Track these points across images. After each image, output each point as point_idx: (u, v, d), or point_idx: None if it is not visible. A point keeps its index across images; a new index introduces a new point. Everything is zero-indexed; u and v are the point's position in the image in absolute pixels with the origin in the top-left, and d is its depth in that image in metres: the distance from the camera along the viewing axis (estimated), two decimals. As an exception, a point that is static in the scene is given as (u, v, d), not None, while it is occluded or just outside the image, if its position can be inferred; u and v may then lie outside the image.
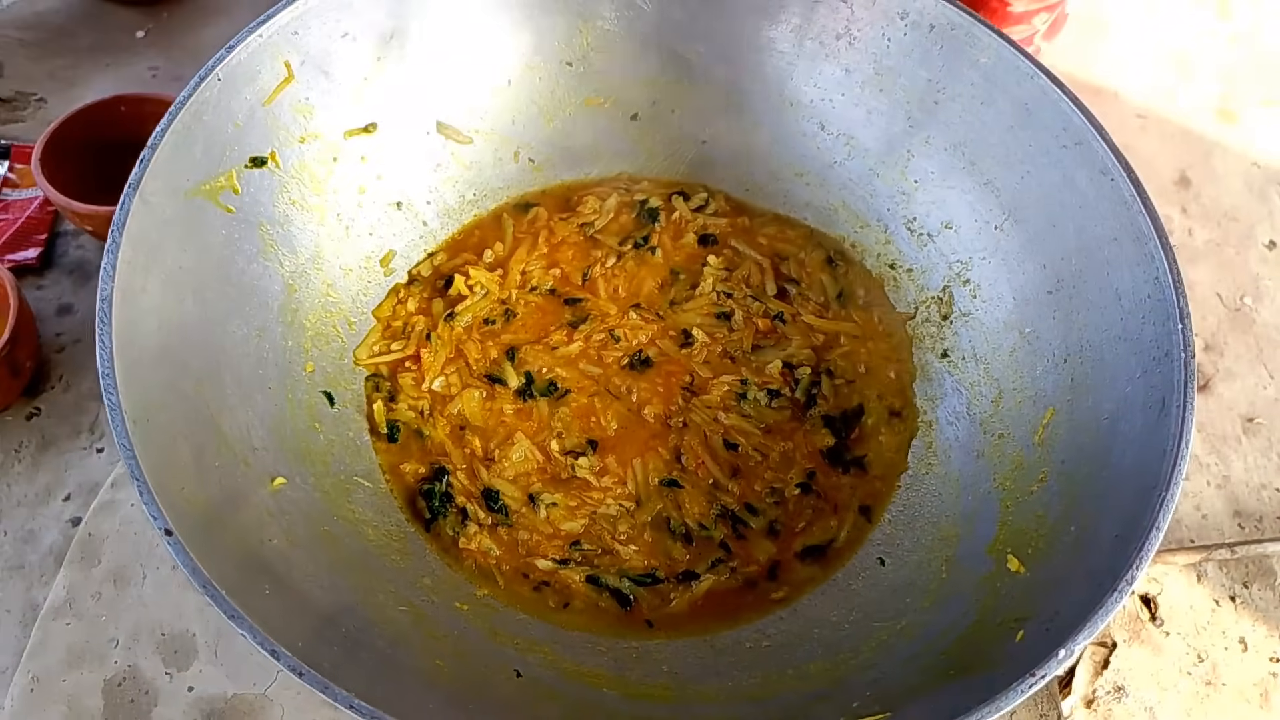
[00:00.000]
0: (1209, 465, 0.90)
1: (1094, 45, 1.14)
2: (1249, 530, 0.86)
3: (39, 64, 1.06)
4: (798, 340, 0.60)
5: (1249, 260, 1.01)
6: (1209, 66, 1.16)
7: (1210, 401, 0.93)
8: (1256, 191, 1.06)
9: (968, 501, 0.52)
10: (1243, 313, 0.98)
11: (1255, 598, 0.81)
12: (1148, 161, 1.08)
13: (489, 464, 0.54)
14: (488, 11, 0.60)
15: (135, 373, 0.42)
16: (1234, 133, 1.11)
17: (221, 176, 0.51)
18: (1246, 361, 0.95)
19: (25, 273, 0.91)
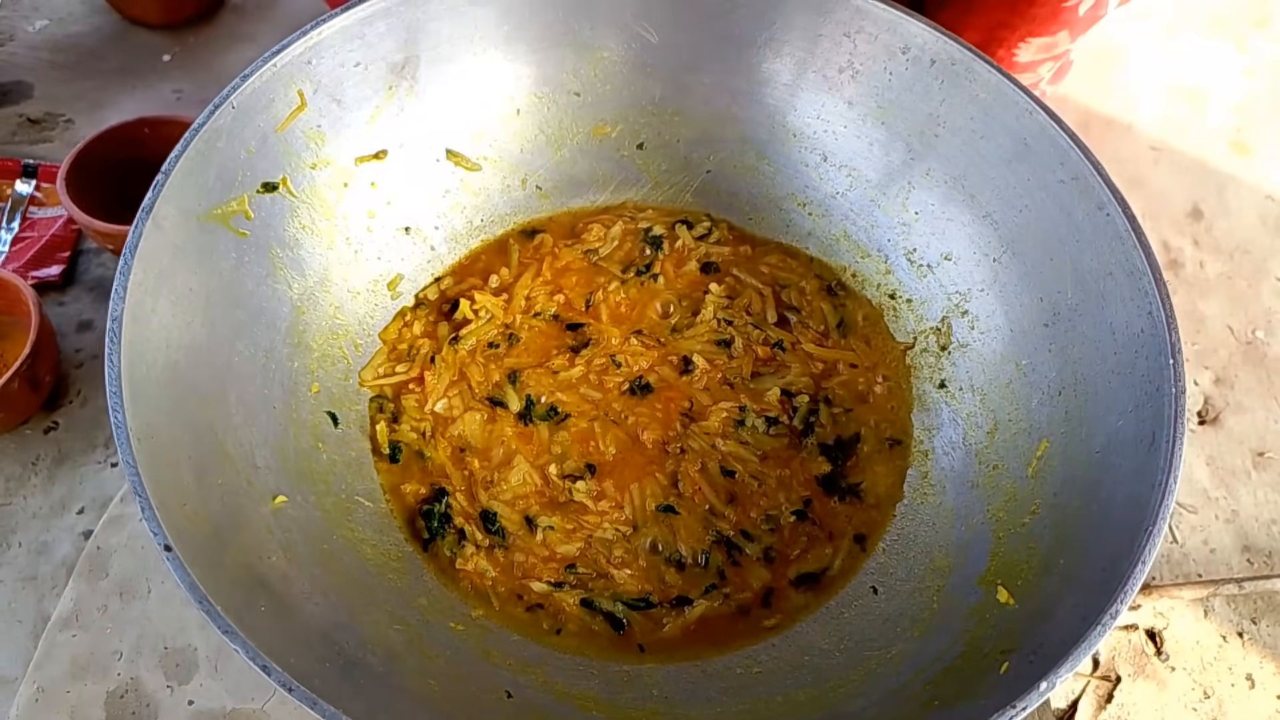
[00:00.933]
0: (1218, 500, 0.89)
1: (1108, 77, 1.14)
2: (1258, 565, 0.85)
3: (68, 85, 1.09)
4: (797, 368, 0.60)
5: (1261, 294, 1.01)
6: (1224, 100, 1.16)
7: (1220, 435, 0.93)
8: (1270, 225, 1.06)
9: (961, 532, 0.52)
10: (1254, 346, 0.97)
11: (1263, 634, 0.81)
12: (1161, 193, 1.08)
13: (488, 486, 0.55)
14: (497, 43, 0.61)
15: (142, 391, 0.43)
16: (1248, 166, 1.11)
17: (234, 201, 0.52)
18: (1258, 395, 0.95)
19: (48, 289, 0.93)
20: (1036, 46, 0.77)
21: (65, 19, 1.13)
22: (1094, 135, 1.10)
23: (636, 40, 0.62)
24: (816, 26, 0.60)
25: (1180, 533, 0.86)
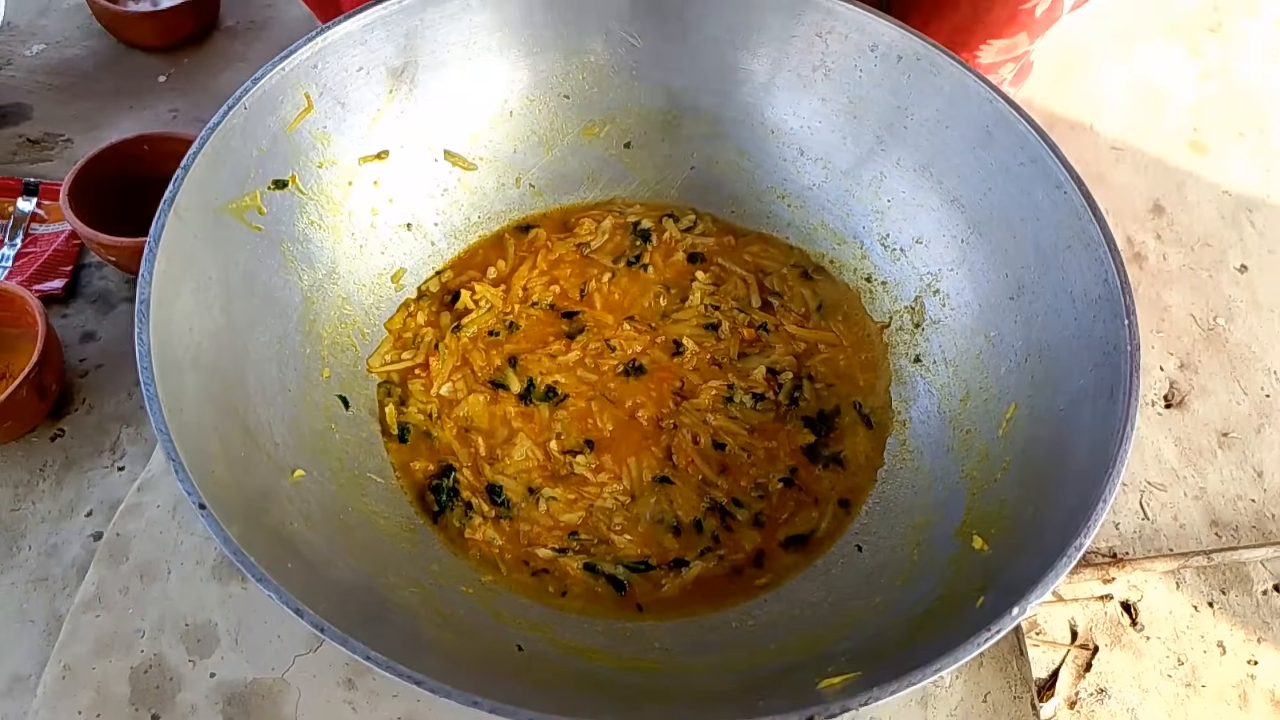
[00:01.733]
0: (1186, 478, 0.93)
1: (1070, 82, 1.19)
2: (1225, 539, 0.89)
3: (66, 107, 1.12)
4: (780, 348, 0.64)
5: (1221, 283, 1.05)
6: (1180, 101, 1.21)
7: (1186, 417, 0.97)
8: (1228, 218, 1.11)
9: (938, 492, 0.55)
10: (1216, 333, 1.02)
11: (1232, 603, 0.84)
12: (1123, 191, 1.13)
13: (492, 462, 0.58)
14: (491, 49, 0.65)
15: (169, 371, 0.46)
16: (1205, 163, 1.16)
17: (247, 197, 0.56)
18: (1220, 379, 0.99)
19: (51, 302, 0.96)
20: (997, 48, 0.81)
21: (61, 43, 1.16)
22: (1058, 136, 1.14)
23: (622, 45, 0.66)
24: (790, 28, 0.64)
25: (1151, 509, 0.90)
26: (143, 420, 0.89)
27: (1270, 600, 0.85)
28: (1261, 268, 1.06)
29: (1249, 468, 0.93)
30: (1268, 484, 0.92)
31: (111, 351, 0.93)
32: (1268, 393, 0.97)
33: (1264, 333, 1.01)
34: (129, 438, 0.89)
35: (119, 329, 0.96)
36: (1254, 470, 0.93)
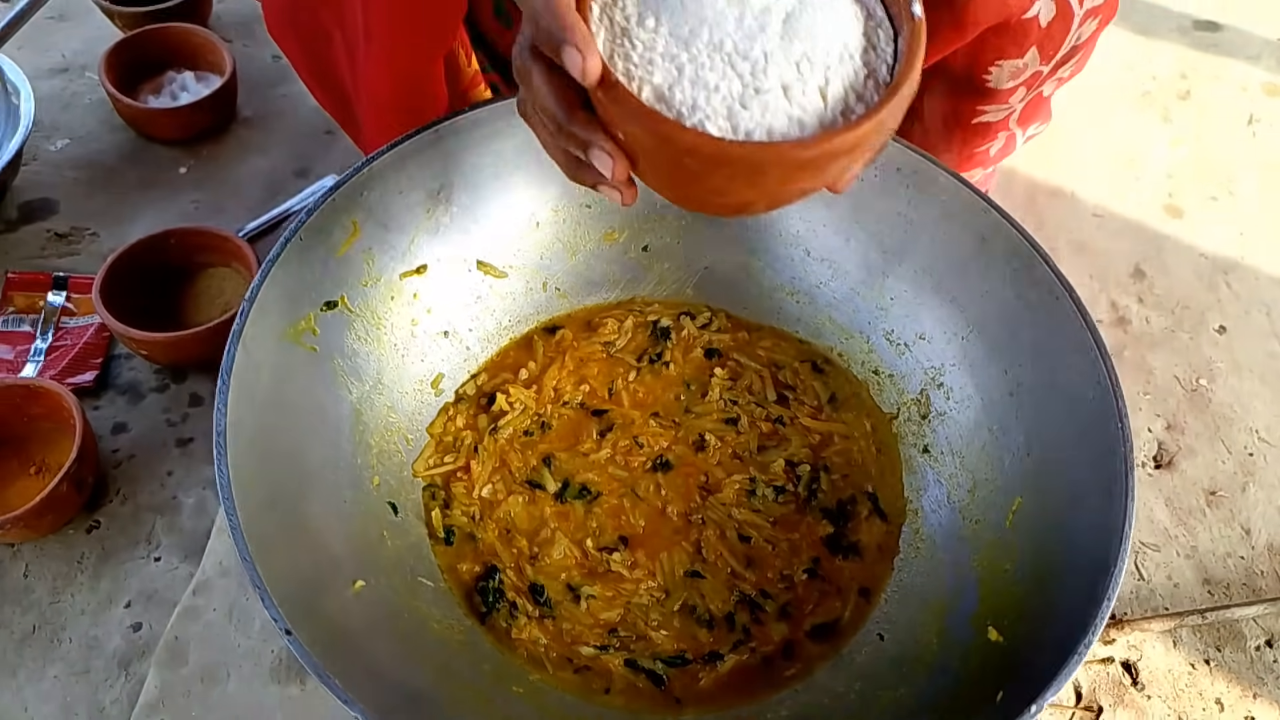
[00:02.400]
0: (1178, 537, 0.98)
1: (1051, 151, 1.25)
2: (1218, 596, 0.94)
3: (91, 200, 1.16)
4: (797, 440, 0.68)
5: (1202, 345, 1.11)
6: (1155, 167, 1.28)
7: (1175, 478, 1.02)
8: (1205, 281, 1.17)
9: (952, 580, 0.59)
10: (1199, 393, 1.07)
11: (1228, 660, 0.88)
12: (1105, 256, 1.19)
13: (534, 562, 0.62)
14: (519, 168, 0.70)
15: (244, 499, 0.50)
16: (1181, 227, 1.22)
17: (302, 320, 0.60)
18: (1206, 439, 1.04)
19: (82, 394, 0.99)
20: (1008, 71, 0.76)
21: (85, 137, 1.20)
22: (1041, 205, 1.21)
23: (639, 158, 0.71)
24: (797, 142, 0.68)
25: (1146, 570, 0.94)
26: (176, 511, 0.92)
27: (1263, 655, 0.89)
28: (1239, 329, 1.11)
29: (1237, 525, 0.97)
30: (1255, 541, 0.96)
31: (143, 443, 0.97)
32: (1250, 451, 1.02)
33: (1244, 392, 1.06)
34: (163, 528, 0.92)
35: (149, 419, 0.99)
36: (1242, 528, 0.97)
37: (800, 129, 0.42)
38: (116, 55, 1.16)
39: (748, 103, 0.41)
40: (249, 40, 1.27)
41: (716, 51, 0.42)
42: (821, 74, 0.42)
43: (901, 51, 0.44)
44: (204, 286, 1.04)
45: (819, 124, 0.42)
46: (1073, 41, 0.78)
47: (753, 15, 0.42)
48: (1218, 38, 1.41)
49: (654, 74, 0.42)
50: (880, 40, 0.44)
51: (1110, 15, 0.79)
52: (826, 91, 0.42)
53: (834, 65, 0.42)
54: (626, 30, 0.43)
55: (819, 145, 0.41)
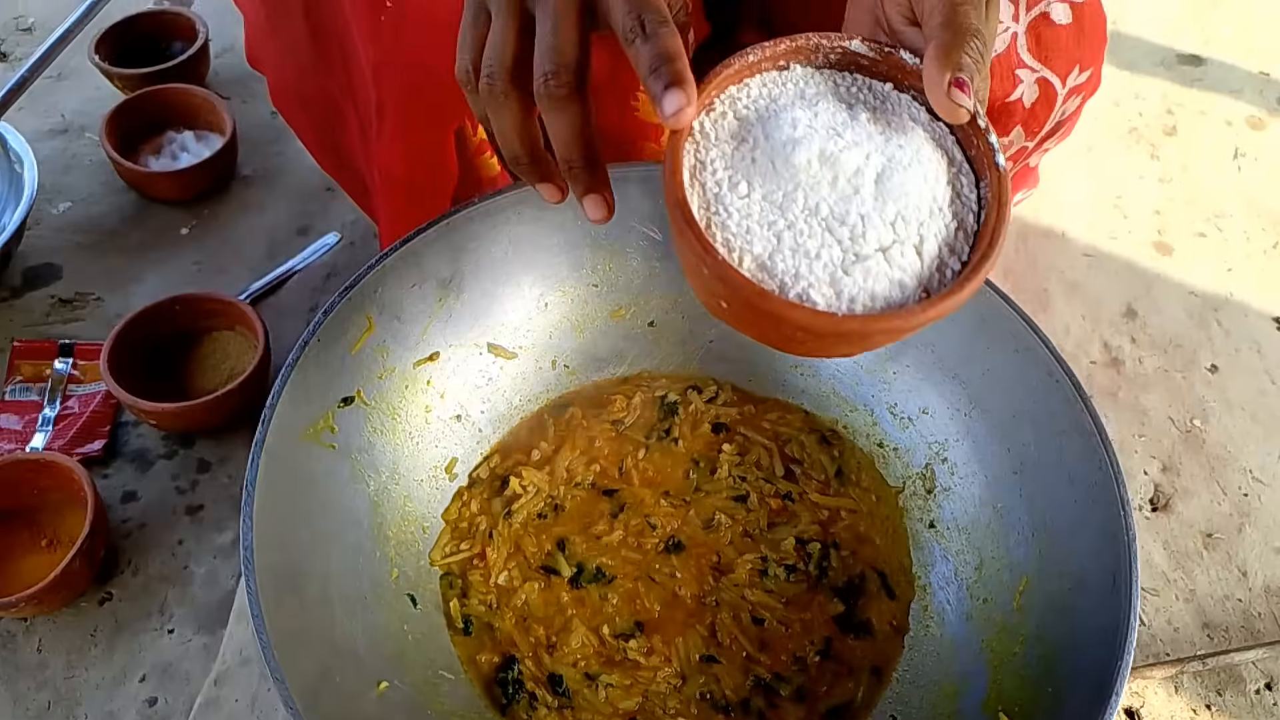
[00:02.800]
0: (1176, 581, 0.99)
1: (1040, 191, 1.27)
2: (1217, 640, 0.95)
3: (94, 264, 1.17)
4: (806, 517, 0.70)
5: (1195, 384, 1.13)
6: (1144, 204, 1.30)
7: (1171, 520, 1.04)
8: (1196, 319, 1.19)
9: (963, 661, 0.61)
10: (1193, 434, 1.09)
11: (1229, 704, 0.90)
12: (1097, 296, 1.21)
13: (551, 650, 0.63)
14: (527, 253, 0.71)
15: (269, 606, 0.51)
16: (1171, 264, 1.24)
17: (321, 419, 0.61)
18: (1201, 480, 1.06)
19: (91, 464, 1.00)
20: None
21: (86, 199, 1.21)
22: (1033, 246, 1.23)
23: (644, 238, 0.73)
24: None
25: (1147, 615, 0.96)
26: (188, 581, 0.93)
27: (1263, 699, 0.91)
28: (1230, 368, 1.13)
29: (1234, 568, 0.99)
30: (1252, 583, 0.98)
31: (152, 511, 0.98)
32: (1245, 492, 1.04)
33: (1237, 432, 1.08)
34: (175, 599, 0.93)
35: (158, 487, 1.00)
36: (1239, 570, 0.99)
37: (901, 290, 0.42)
38: (116, 119, 1.17)
39: (850, 269, 0.42)
40: (247, 97, 1.28)
41: (813, 216, 0.42)
42: (916, 232, 0.43)
43: (986, 198, 0.45)
44: (209, 351, 1.05)
45: (918, 283, 0.43)
46: (1057, 118, 0.79)
47: (846, 178, 0.43)
48: (1202, 72, 1.43)
49: (754, 243, 0.42)
50: (964, 187, 0.45)
51: (1094, 89, 0.81)
52: (922, 250, 0.43)
53: (926, 221, 0.43)
54: (719, 197, 0.43)
55: (926, 314, 0.42)
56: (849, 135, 0.44)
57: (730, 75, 0.47)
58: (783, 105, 0.46)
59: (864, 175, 0.43)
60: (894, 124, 0.46)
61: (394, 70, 0.71)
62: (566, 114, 0.47)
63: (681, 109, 0.42)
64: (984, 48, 0.44)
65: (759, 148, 0.44)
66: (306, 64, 0.80)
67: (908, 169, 0.44)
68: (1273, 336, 1.15)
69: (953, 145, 0.47)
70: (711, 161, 0.44)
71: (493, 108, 0.50)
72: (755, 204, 0.43)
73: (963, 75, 0.43)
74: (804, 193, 0.43)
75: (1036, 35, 0.71)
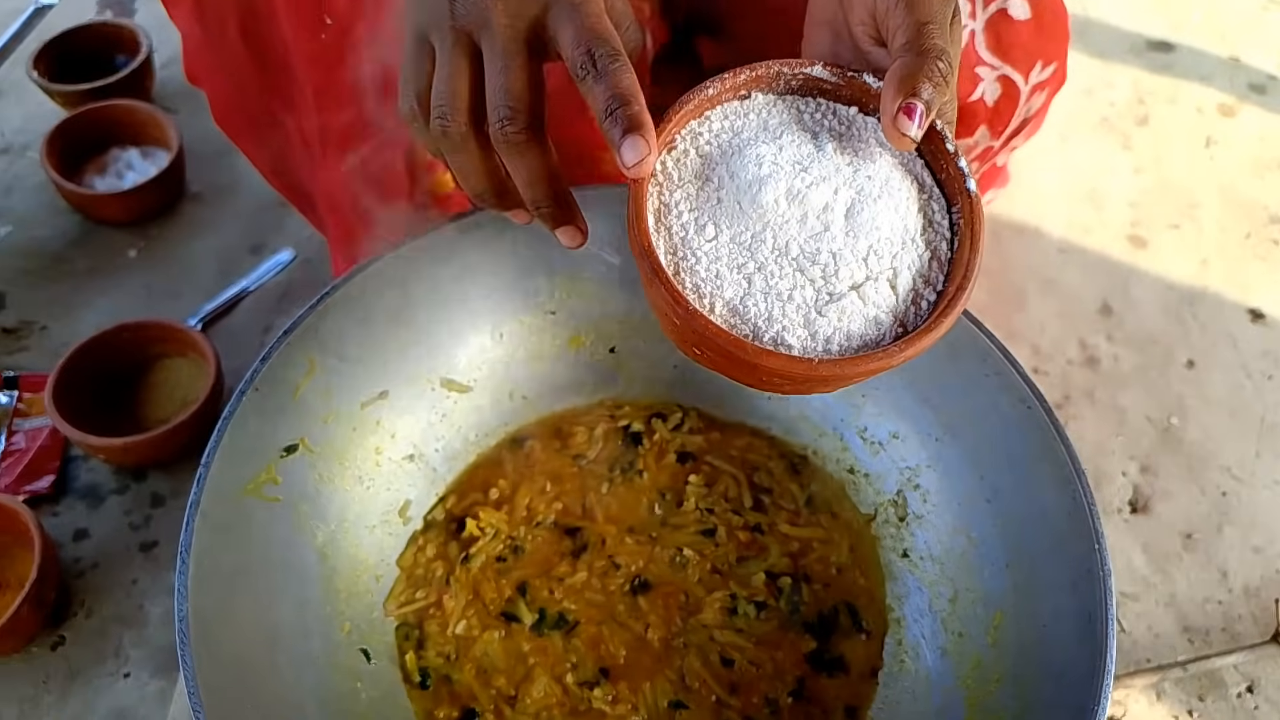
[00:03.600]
0: (1156, 584, 0.98)
1: (1012, 186, 1.25)
2: (1198, 644, 0.94)
3: (39, 291, 1.13)
4: (776, 549, 0.67)
5: (1171, 382, 1.11)
6: (1118, 196, 1.28)
7: (1151, 521, 1.02)
8: (1172, 313, 1.17)
9: (938, 698, 0.59)
10: (1171, 432, 1.07)
11: (1210, 709, 0.89)
12: (1072, 293, 1.19)
13: (513, 703, 0.61)
14: (480, 283, 0.68)
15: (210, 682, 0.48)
16: (1147, 258, 1.22)
17: (263, 472, 0.58)
18: (1179, 480, 1.04)
19: (40, 501, 0.97)
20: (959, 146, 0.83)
21: (29, 222, 1.17)
22: (1006, 243, 1.21)
23: (600, 263, 0.70)
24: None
25: (1127, 621, 0.95)
26: (144, 623, 0.90)
27: (1244, 702, 0.90)
28: (1207, 363, 1.12)
29: (1214, 569, 0.98)
30: (1232, 584, 0.97)
31: (105, 550, 0.95)
32: (1224, 491, 1.03)
33: (1215, 430, 1.07)
34: (131, 641, 0.90)
35: (111, 524, 0.97)
36: (1219, 571, 0.98)
37: (877, 328, 0.42)
38: (57, 136, 1.13)
39: (824, 310, 0.41)
40: (194, 111, 1.24)
41: (784, 257, 0.41)
42: (889, 265, 0.42)
43: (959, 224, 0.44)
44: (160, 379, 1.02)
45: (893, 318, 0.42)
46: (1023, 115, 0.78)
47: (815, 214, 0.42)
48: (1171, 59, 1.41)
49: (724, 288, 0.41)
50: (935, 214, 0.44)
51: (1059, 84, 0.79)
52: (896, 283, 0.42)
53: (899, 253, 0.42)
54: (686, 241, 0.42)
55: (903, 354, 0.41)
56: (815, 170, 0.43)
57: (690, 110, 0.45)
58: (746, 140, 0.44)
59: (833, 211, 0.42)
60: (861, 152, 0.44)
61: (337, 92, 0.68)
62: (526, 158, 0.46)
63: (643, 159, 0.40)
64: (949, 68, 0.42)
65: (724, 188, 0.42)
66: (247, 83, 0.76)
67: (878, 200, 0.42)
68: (1247, 329, 1.14)
69: (922, 170, 0.45)
70: (676, 204, 0.43)
71: (448, 149, 0.49)
72: (724, 247, 0.42)
73: (914, 101, 0.41)
74: (773, 233, 0.42)
75: (995, 32, 0.69)
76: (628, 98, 0.41)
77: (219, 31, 0.74)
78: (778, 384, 0.43)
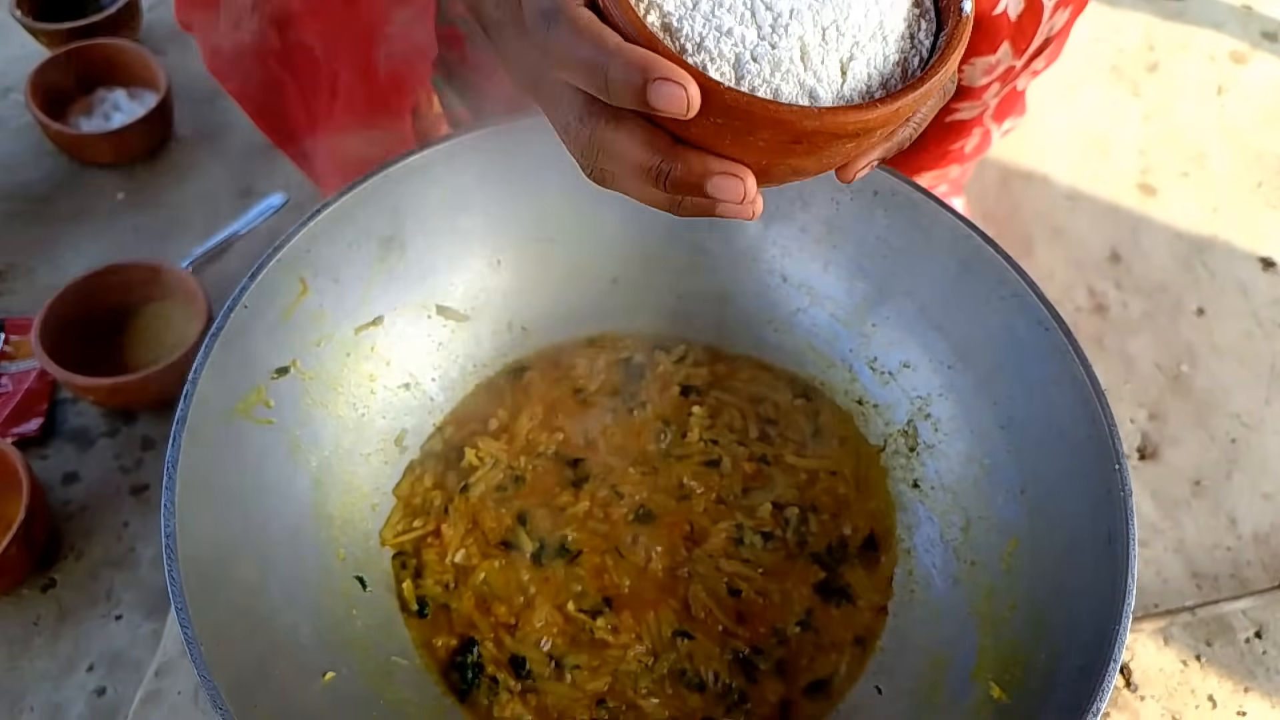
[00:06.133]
0: (1164, 531, 0.97)
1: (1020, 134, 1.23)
2: (1206, 590, 0.93)
3: (25, 234, 1.10)
4: (783, 480, 0.66)
5: (1181, 329, 1.09)
6: (1127, 144, 1.26)
7: (1160, 468, 1.01)
8: (1181, 261, 1.15)
9: (949, 627, 0.57)
10: (1181, 380, 1.06)
11: (1218, 655, 0.88)
12: (1081, 241, 1.17)
13: (513, 631, 0.59)
14: (475, 205, 0.66)
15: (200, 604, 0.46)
16: (1156, 206, 1.20)
17: (253, 393, 0.56)
18: (1189, 427, 1.03)
19: (29, 444, 0.95)
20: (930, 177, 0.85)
21: (13, 165, 1.14)
22: (1015, 190, 1.19)
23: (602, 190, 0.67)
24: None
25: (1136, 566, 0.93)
26: (135, 564, 0.89)
27: (1253, 648, 0.89)
28: (1217, 310, 1.10)
29: (1222, 515, 0.97)
30: (1241, 530, 0.96)
31: (95, 492, 0.93)
32: (1233, 438, 1.01)
33: (1225, 377, 1.05)
34: (122, 583, 0.88)
35: (101, 467, 0.95)
36: (1228, 517, 0.97)
37: (810, 99, 0.37)
38: (42, 77, 1.10)
39: (759, 56, 0.37)
40: (183, 52, 1.21)
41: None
42: (848, 48, 0.38)
43: (940, 46, 0.40)
44: (148, 322, 0.99)
45: (831, 99, 0.38)
46: (1045, 34, 0.76)
47: None
48: (1183, 6, 1.38)
49: (666, 1, 0.37)
50: (920, 32, 0.41)
51: (1083, 4, 0.78)
52: (848, 67, 0.38)
53: (863, 42, 0.38)
54: None
55: (821, 118, 0.36)
56: None
57: None
58: None
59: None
60: None
61: (346, 46, 0.66)
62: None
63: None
64: None
65: None
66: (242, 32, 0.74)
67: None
68: (1258, 278, 1.12)
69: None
70: None
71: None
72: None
73: None
74: None
75: None
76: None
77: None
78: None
